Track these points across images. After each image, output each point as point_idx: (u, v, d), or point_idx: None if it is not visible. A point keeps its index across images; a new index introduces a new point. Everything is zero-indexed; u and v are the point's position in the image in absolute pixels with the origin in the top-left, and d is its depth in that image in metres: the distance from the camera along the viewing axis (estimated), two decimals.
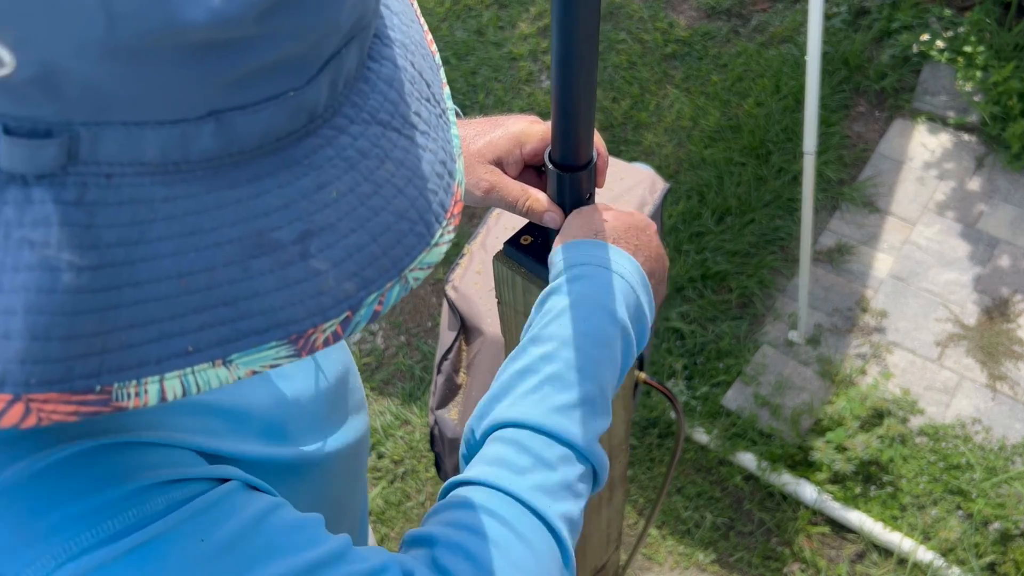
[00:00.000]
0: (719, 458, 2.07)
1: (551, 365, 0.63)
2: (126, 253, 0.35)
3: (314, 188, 0.38)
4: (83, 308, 0.35)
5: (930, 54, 2.64)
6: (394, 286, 0.41)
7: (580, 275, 0.66)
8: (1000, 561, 1.87)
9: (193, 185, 0.35)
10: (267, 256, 0.37)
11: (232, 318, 0.37)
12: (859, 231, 2.39)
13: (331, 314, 0.39)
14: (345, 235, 0.39)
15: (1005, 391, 2.10)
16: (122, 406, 0.37)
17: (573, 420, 0.62)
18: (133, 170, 0.34)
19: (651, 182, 1.35)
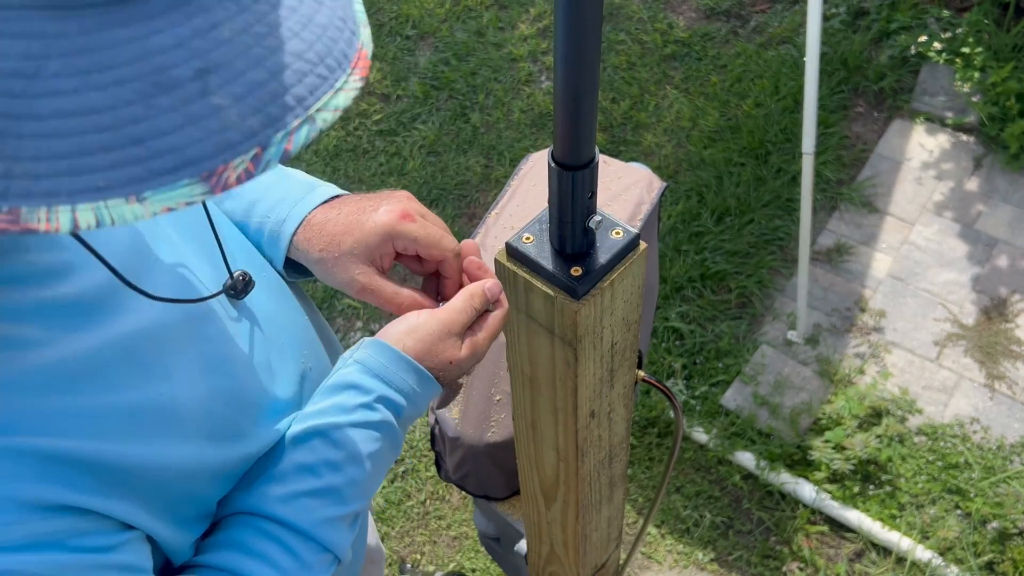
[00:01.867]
0: (718, 457, 2.07)
1: (336, 477, 0.68)
2: (24, 86, 0.36)
3: (207, 27, 0.39)
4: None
5: (928, 55, 2.65)
6: (302, 125, 0.42)
7: (384, 398, 0.70)
8: (998, 560, 1.88)
9: (83, 22, 0.37)
10: (168, 94, 0.38)
11: (142, 157, 0.38)
12: (858, 231, 2.40)
13: (239, 150, 0.40)
14: (243, 72, 0.40)
15: (1003, 390, 2.10)
16: (32, 227, 0.38)
17: (336, 530, 0.68)
18: (20, 3, 0.36)
19: (648, 181, 1.35)
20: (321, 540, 0.66)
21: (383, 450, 0.69)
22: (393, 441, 0.70)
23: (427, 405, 0.72)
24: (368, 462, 0.68)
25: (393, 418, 0.69)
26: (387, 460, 0.70)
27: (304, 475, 0.66)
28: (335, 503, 0.67)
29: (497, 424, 1.20)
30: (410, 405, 0.70)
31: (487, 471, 1.24)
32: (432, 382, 0.71)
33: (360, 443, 0.68)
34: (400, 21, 3.15)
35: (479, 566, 2.01)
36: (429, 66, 2.99)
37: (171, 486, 0.60)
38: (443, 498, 2.11)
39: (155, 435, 0.58)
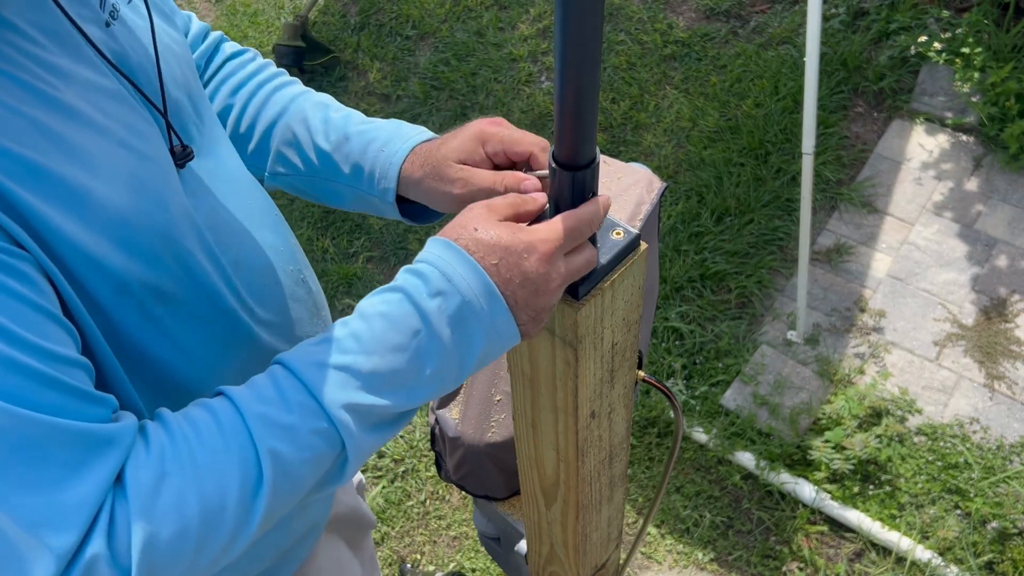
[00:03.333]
0: (718, 457, 2.07)
1: (339, 329, 0.66)
2: None
3: None
4: None
5: (928, 55, 2.65)
6: None
7: (413, 270, 0.68)
8: (998, 560, 1.88)
9: None
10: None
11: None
12: (857, 231, 2.40)
13: None
14: None
15: (1003, 390, 2.10)
16: None
17: (329, 378, 0.64)
18: None
19: (648, 181, 1.35)
20: (305, 379, 0.64)
21: (395, 314, 0.66)
22: (411, 308, 0.66)
23: (468, 281, 0.66)
24: (377, 321, 0.65)
25: (411, 285, 0.66)
26: (402, 328, 0.66)
27: (322, 333, 0.67)
28: (332, 350, 0.65)
29: (497, 424, 1.20)
30: (436, 272, 0.66)
31: (487, 471, 1.24)
32: (452, 247, 0.67)
33: (371, 303, 0.67)
34: (400, 21, 3.15)
35: (479, 566, 2.01)
36: (429, 66, 2.99)
37: (84, 274, 0.62)
38: (443, 498, 2.11)
39: (62, 207, 0.60)
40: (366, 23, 3.19)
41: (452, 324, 0.66)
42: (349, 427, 0.64)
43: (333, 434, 0.64)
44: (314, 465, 0.64)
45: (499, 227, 0.68)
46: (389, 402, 0.66)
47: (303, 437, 0.63)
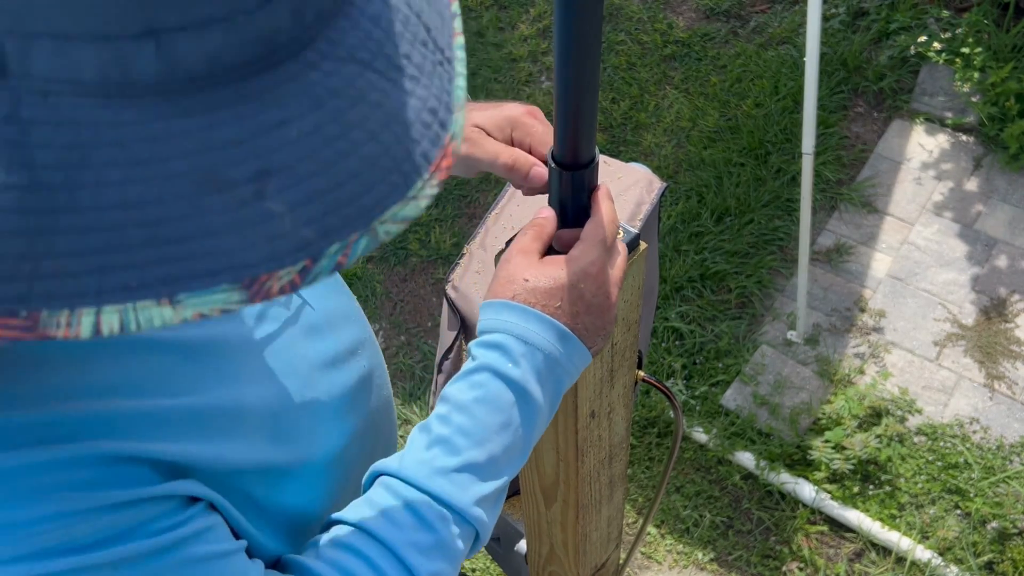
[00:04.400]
0: (718, 457, 2.07)
1: (443, 427, 0.66)
2: (65, 177, 0.33)
3: (273, 124, 0.35)
4: (9, 229, 0.33)
5: (928, 55, 2.65)
6: (361, 237, 0.38)
7: (488, 343, 0.67)
8: (998, 560, 1.88)
9: (142, 112, 0.33)
10: (219, 194, 0.34)
11: (181, 256, 0.35)
12: (857, 231, 2.40)
13: (287, 261, 0.36)
14: (305, 178, 0.36)
15: (1003, 390, 2.10)
16: (50, 334, 0.34)
17: (454, 483, 0.64)
18: (72, 89, 0.32)
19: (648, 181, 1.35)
20: (434, 492, 0.64)
21: (490, 395, 0.66)
22: (502, 384, 0.66)
23: (542, 335, 0.67)
24: (477, 408, 0.65)
25: (494, 360, 0.66)
26: (501, 405, 0.66)
27: (419, 433, 0.67)
28: (447, 452, 0.65)
29: None
30: (511, 339, 0.67)
31: None
32: (516, 307, 0.67)
33: (463, 392, 0.66)
34: None
35: (479, 566, 2.01)
36: None
37: (233, 480, 0.60)
38: None
39: (219, 436, 0.58)
40: None
41: (540, 381, 0.67)
42: (483, 519, 0.66)
43: (470, 530, 0.66)
44: (459, 561, 0.66)
45: (546, 267, 0.68)
46: (507, 476, 0.68)
47: (449, 546, 0.64)
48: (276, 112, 0.35)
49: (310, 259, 0.37)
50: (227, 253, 0.35)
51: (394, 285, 2.48)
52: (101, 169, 0.33)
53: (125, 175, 0.33)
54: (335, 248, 0.37)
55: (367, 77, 0.37)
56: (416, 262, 2.53)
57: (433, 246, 2.54)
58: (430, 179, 0.40)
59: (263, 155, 0.35)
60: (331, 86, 0.36)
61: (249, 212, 0.35)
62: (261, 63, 0.34)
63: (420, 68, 0.40)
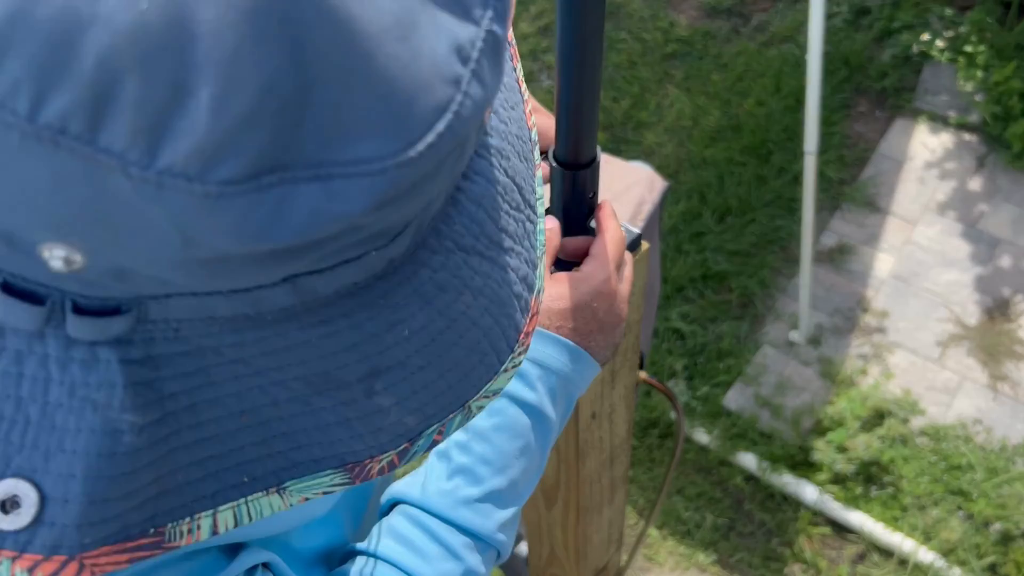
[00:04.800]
0: (720, 458, 2.06)
1: (464, 456, 0.66)
2: (188, 398, 0.33)
3: (387, 327, 0.35)
4: (142, 464, 0.33)
5: (931, 54, 2.64)
6: (456, 416, 0.39)
7: None
8: (1001, 562, 1.87)
9: (263, 330, 0.33)
10: (331, 393, 0.35)
11: (289, 449, 0.36)
12: (860, 231, 2.39)
13: (389, 447, 0.38)
14: (413, 372, 0.36)
15: (1006, 391, 2.09)
16: (174, 546, 0.35)
17: (478, 512, 0.65)
18: (203, 323, 0.33)
19: (650, 181, 1.34)
20: (460, 523, 0.65)
21: (509, 421, 0.66)
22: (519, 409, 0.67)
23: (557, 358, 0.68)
24: (496, 435, 0.66)
25: (510, 386, 0.66)
26: (519, 431, 0.67)
27: (438, 461, 0.67)
28: (469, 482, 0.66)
29: None
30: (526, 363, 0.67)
31: None
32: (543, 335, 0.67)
33: (480, 418, 0.67)
34: None
35: None
36: None
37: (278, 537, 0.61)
38: None
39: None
40: None
41: (554, 401, 0.68)
42: (506, 542, 0.67)
43: (494, 553, 0.68)
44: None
45: (558, 287, 0.68)
46: (526, 497, 0.69)
47: (476, 572, 0.65)
48: (390, 315, 0.35)
49: (409, 442, 0.38)
50: (333, 444, 0.36)
51: None
52: (220, 384, 0.34)
53: (243, 386, 0.34)
54: (433, 428, 0.38)
55: (470, 263, 0.38)
56: None
57: None
58: (518, 349, 0.40)
59: (374, 356, 0.35)
60: (439, 281, 0.36)
61: (358, 408, 0.36)
62: (381, 275, 0.35)
63: (515, 237, 0.40)
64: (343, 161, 0.27)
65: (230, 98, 0.25)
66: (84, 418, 0.32)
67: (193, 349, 0.33)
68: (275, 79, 0.25)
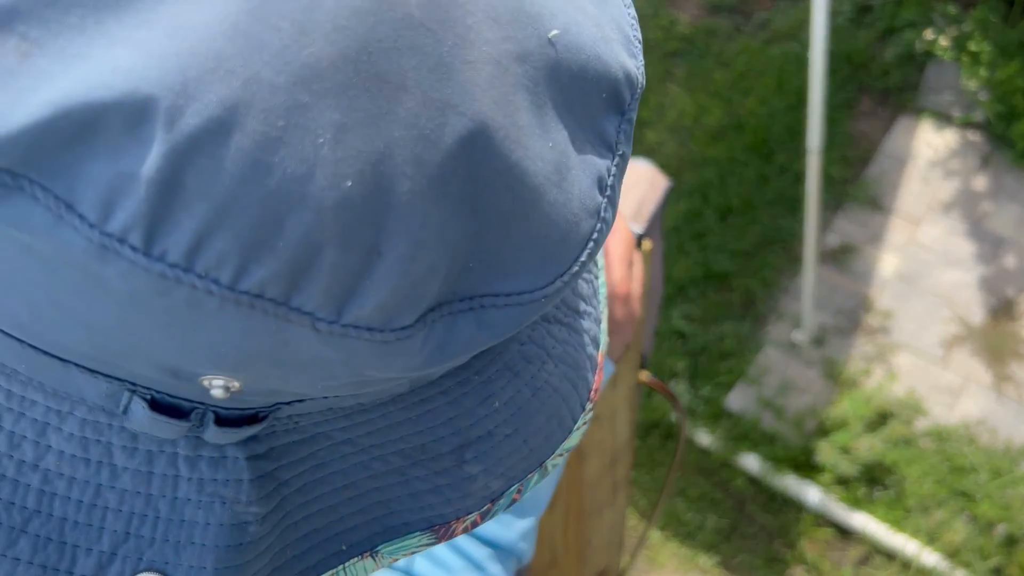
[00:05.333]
0: (721, 460, 2.05)
1: None
2: (299, 481, 0.35)
3: (479, 401, 0.37)
4: (262, 550, 0.34)
5: (935, 52, 2.62)
6: (535, 475, 0.40)
7: None
8: (1005, 564, 1.86)
9: (370, 413, 0.35)
10: (425, 464, 0.37)
11: (384, 515, 0.37)
12: (863, 230, 2.38)
13: (474, 508, 0.39)
14: (500, 441, 0.38)
15: (1011, 392, 2.08)
16: None
17: (499, 522, 0.67)
18: (320, 414, 0.34)
19: (652, 179, 1.33)
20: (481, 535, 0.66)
21: None
22: None
23: None
24: None
25: None
26: None
27: None
28: None
29: None
30: None
31: None
32: None
33: None
34: None
35: None
36: None
37: None
38: None
39: None
40: None
41: None
42: (527, 550, 0.69)
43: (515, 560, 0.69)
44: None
45: None
46: (545, 504, 0.70)
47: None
48: (483, 389, 0.37)
49: (492, 503, 0.39)
50: (423, 508, 0.38)
51: None
52: (329, 464, 0.35)
53: (348, 464, 0.36)
54: (514, 489, 0.40)
55: (552, 332, 0.39)
56: None
57: None
58: (589, 407, 0.42)
59: (467, 429, 0.37)
60: (526, 353, 0.38)
61: (449, 476, 0.37)
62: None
63: (586, 298, 0.41)
64: (499, 293, 0.29)
65: (416, 258, 0.26)
66: (213, 512, 0.33)
67: (308, 437, 0.34)
68: (456, 235, 0.27)
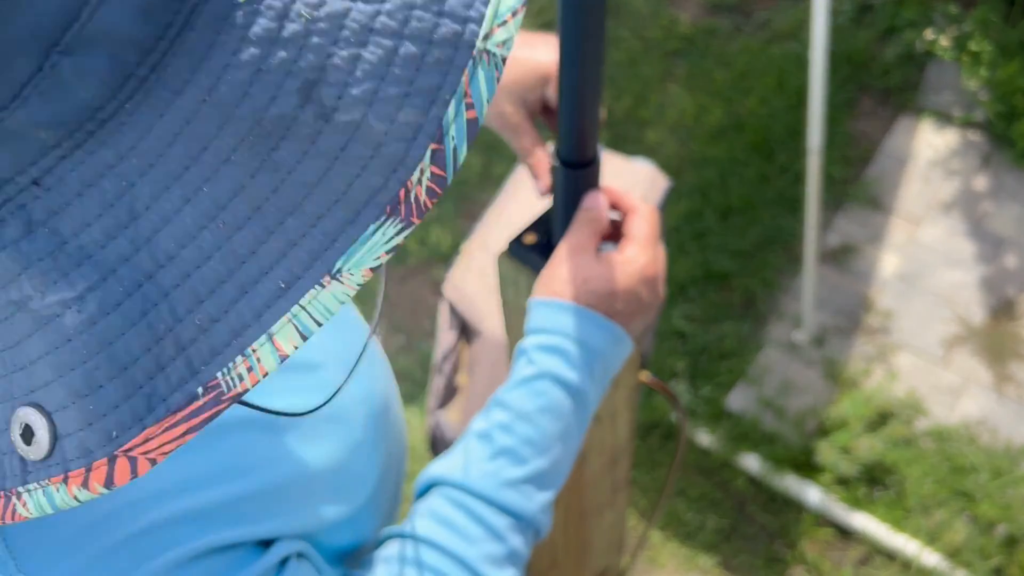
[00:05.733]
0: (722, 460, 2.05)
1: (507, 437, 0.66)
2: (128, 245, 0.30)
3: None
4: (112, 333, 0.30)
5: (935, 51, 2.62)
6: (475, 70, 0.31)
7: (547, 347, 0.68)
8: (1006, 564, 1.86)
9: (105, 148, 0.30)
10: (288, 140, 0.30)
11: (309, 225, 0.30)
12: (864, 230, 2.38)
13: (409, 161, 0.31)
14: (358, 62, 0.30)
15: (1011, 393, 2.08)
16: (238, 392, 0.31)
17: (523, 493, 0.66)
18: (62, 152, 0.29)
19: (652, 179, 1.33)
20: (504, 505, 0.65)
21: (553, 403, 0.67)
22: (563, 392, 0.67)
23: (601, 340, 0.68)
24: (540, 417, 0.66)
25: (554, 367, 0.67)
26: (562, 413, 0.67)
27: (478, 443, 0.67)
28: (513, 463, 0.65)
29: None
30: (570, 343, 0.67)
31: None
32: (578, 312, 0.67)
33: (525, 400, 0.67)
34: None
35: None
36: None
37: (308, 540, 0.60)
38: None
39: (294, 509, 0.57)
40: None
41: (594, 384, 0.69)
42: (547, 522, 0.68)
43: (534, 534, 0.68)
44: (524, 565, 0.68)
45: (604, 269, 0.69)
46: (564, 479, 0.69)
47: (519, 554, 0.66)
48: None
49: (432, 141, 0.31)
50: (347, 195, 0.30)
51: (392, 285, 2.46)
52: (151, 210, 0.30)
53: (183, 194, 0.31)
54: (451, 112, 0.31)
55: None
56: (415, 262, 2.51)
57: (432, 246, 2.52)
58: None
59: (302, 73, 0.30)
60: None
61: (334, 140, 0.30)
62: None
63: None
64: None
65: None
66: (19, 325, 0.30)
67: (82, 185, 0.29)
68: None
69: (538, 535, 0.69)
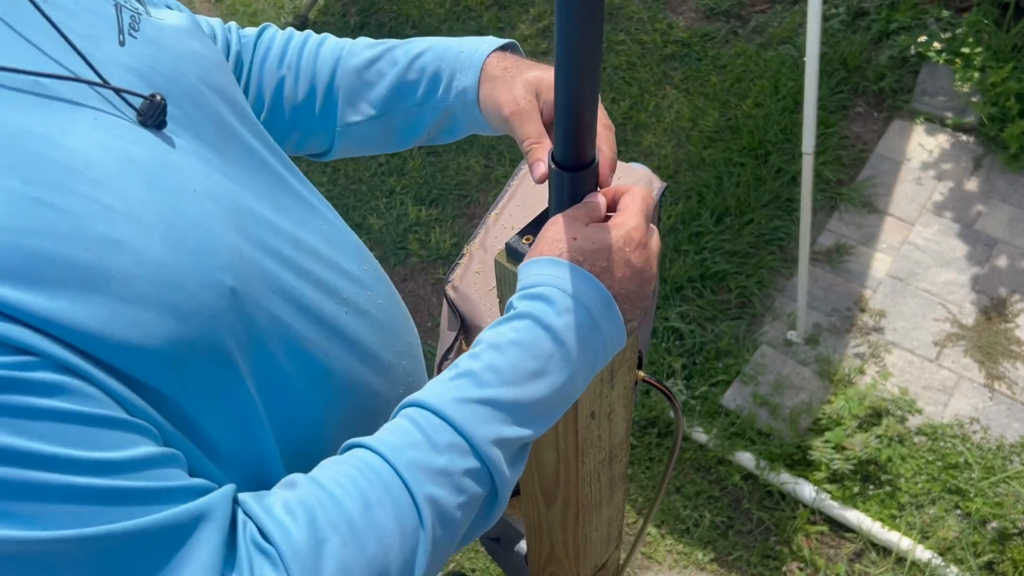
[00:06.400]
0: (718, 457, 2.07)
1: (472, 362, 0.63)
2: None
3: None
4: None
5: (928, 55, 2.64)
6: None
7: (532, 294, 0.66)
8: (998, 560, 1.88)
9: None
10: None
11: None
12: (858, 231, 2.40)
13: None
14: None
15: (1003, 391, 2.10)
16: None
17: (474, 413, 0.61)
18: None
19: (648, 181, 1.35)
20: (449, 418, 0.60)
21: (528, 340, 0.63)
22: (543, 332, 0.64)
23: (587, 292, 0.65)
24: (511, 349, 0.63)
25: (536, 309, 0.64)
26: (538, 353, 0.63)
27: (448, 370, 0.64)
28: (472, 384, 0.62)
29: None
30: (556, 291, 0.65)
31: None
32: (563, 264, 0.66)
33: (500, 334, 0.64)
34: (400, 21, 3.15)
35: (479, 566, 2.01)
36: None
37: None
38: None
39: (86, 291, 0.52)
40: (366, 23, 3.18)
41: (580, 341, 0.65)
42: (499, 463, 0.62)
43: (484, 473, 0.62)
44: (467, 509, 0.62)
45: (594, 231, 0.68)
46: (531, 431, 0.63)
47: (456, 479, 0.60)
48: None
49: None
50: None
51: (394, 285, 2.48)
52: None
53: None
54: None
55: None
56: (416, 262, 2.53)
57: (433, 246, 2.54)
58: None
59: None
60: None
61: None
62: None
63: None
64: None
65: None
66: None
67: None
68: None
69: (494, 485, 0.62)
